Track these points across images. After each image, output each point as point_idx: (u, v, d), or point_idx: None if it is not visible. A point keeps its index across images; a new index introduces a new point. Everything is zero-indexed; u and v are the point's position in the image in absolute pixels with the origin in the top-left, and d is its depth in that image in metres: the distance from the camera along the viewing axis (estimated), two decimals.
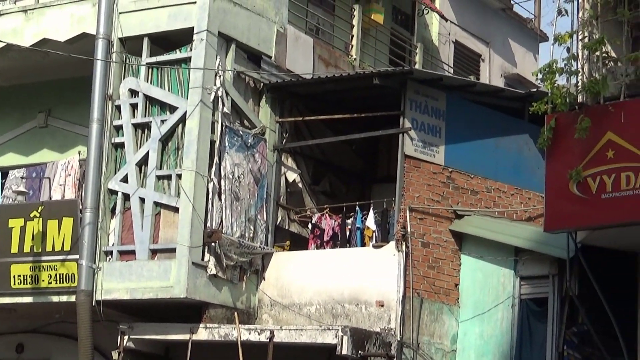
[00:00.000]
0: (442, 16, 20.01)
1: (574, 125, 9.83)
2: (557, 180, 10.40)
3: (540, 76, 10.88)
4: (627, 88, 10.16)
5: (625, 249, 11.25)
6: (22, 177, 15.06)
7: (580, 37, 10.72)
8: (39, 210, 13.82)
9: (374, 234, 13.51)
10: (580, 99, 10.42)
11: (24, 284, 13.93)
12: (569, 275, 11.40)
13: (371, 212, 13.75)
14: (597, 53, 10.54)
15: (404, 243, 12.59)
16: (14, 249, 13.85)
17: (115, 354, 13.15)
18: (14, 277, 13.84)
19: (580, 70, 10.68)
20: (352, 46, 16.79)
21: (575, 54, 10.65)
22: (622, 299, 11.26)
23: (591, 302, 11.24)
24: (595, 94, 10.07)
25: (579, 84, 10.63)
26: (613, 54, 10.92)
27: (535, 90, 13.76)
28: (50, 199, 14.89)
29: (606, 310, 10.88)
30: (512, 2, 23.44)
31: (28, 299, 14.15)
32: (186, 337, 12.64)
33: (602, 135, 9.77)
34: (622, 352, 10.90)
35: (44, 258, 13.49)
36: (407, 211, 12.72)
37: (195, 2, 13.00)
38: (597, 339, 11.13)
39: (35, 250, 13.63)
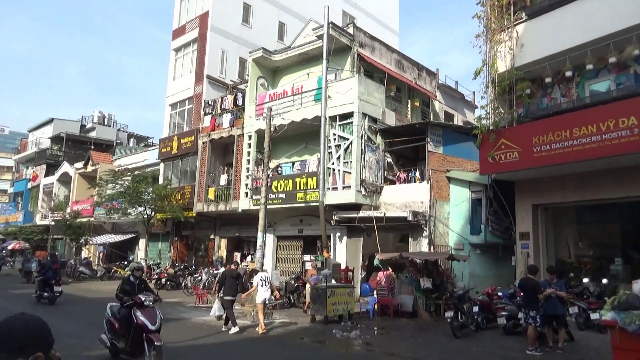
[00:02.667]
0: (439, 101, 22.74)
1: (489, 137, 13.19)
2: (484, 156, 13.46)
3: (475, 120, 14.79)
4: (508, 123, 13.37)
5: (510, 179, 14.34)
6: (299, 166, 19.04)
7: (491, 105, 13.93)
8: (304, 175, 18.02)
9: (419, 179, 17.12)
10: (491, 127, 13.41)
11: (303, 200, 17.72)
12: (489, 190, 15.13)
13: (417, 171, 17.48)
14: (497, 110, 13.94)
15: (429, 181, 16.42)
16: (295, 189, 18.05)
17: (332, 222, 16.99)
18: (298, 197, 17.90)
19: (491, 117, 13.90)
20: (408, 113, 20.34)
21: (489, 111, 13.99)
22: (510, 199, 14.64)
23: (497, 201, 14.98)
24: (497, 126, 13.34)
25: (490, 122, 13.65)
26: (502, 110, 14.13)
27: (474, 125, 14.74)
28: (307, 171, 18.39)
29: (504, 204, 14.78)
30: (464, 95, 25.31)
31: (303, 205, 17.85)
32: (355, 215, 16.51)
33: (500, 140, 13.07)
34: (511, 220, 14.60)
35: (307, 191, 17.52)
36: (430, 170, 16.49)
37: (353, 103, 17.12)
38: (500, 212, 14.98)
39: (305, 188, 17.67)
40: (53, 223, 34.31)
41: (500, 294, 12.33)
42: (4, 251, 37.12)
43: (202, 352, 9.31)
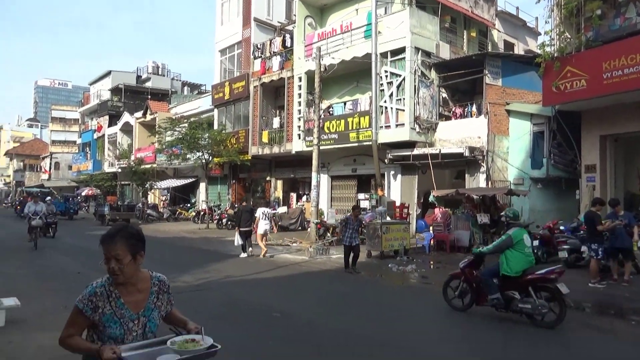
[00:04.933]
0: (497, 30, 21.64)
1: (553, 65, 12.72)
2: (547, 86, 13.10)
3: (538, 48, 14.57)
4: (575, 49, 12.81)
5: (575, 110, 13.85)
6: (351, 105, 18.87)
7: (556, 31, 13.38)
8: (356, 115, 17.86)
9: (476, 113, 16.49)
10: (555, 54, 12.91)
11: (355, 139, 17.63)
12: (552, 122, 14.62)
13: (474, 106, 16.73)
14: (563, 35, 13.36)
15: (487, 115, 15.86)
16: (347, 129, 17.87)
17: (386, 160, 16.87)
18: (351, 136, 17.69)
19: (556, 43, 13.33)
20: (464, 45, 19.42)
21: (553, 36, 13.42)
22: (575, 131, 14.16)
23: (561, 133, 14.46)
24: (562, 52, 12.88)
25: (555, 48, 13.25)
26: (568, 35, 13.48)
27: (537, 53, 14.58)
28: (359, 110, 18.05)
29: (568, 136, 14.29)
30: (526, 21, 23.74)
31: (356, 144, 17.86)
32: (409, 153, 16.26)
33: (565, 68, 12.70)
34: (576, 153, 14.21)
35: (360, 130, 17.37)
36: (488, 104, 15.88)
37: (405, 37, 16.53)
38: (564, 145, 14.53)
39: (357, 127, 17.49)
40: (120, 170, 36.38)
41: (562, 227, 12.01)
42: (78, 197, 39.91)
43: (264, 285, 9.80)
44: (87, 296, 2.12)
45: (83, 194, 40.85)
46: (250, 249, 13.47)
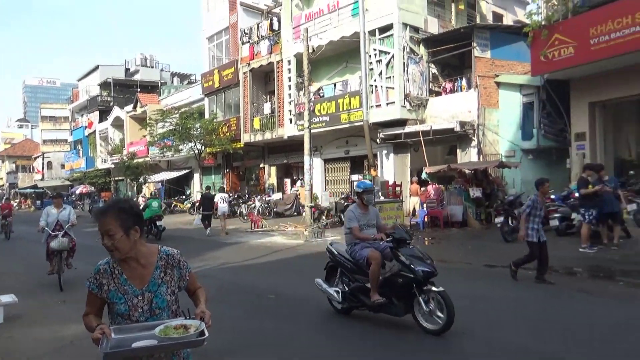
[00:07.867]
0: (486, 1, 21.07)
1: (541, 34, 13.01)
2: (535, 55, 13.32)
3: (526, 16, 14.42)
4: (562, 16, 13.05)
5: (564, 78, 14.04)
6: (341, 86, 18.89)
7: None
8: (346, 96, 17.61)
9: (466, 87, 16.42)
10: (543, 23, 13.13)
11: (347, 120, 17.55)
12: (541, 92, 14.78)
13: (464, 80, 16.65)
14: (550, 3, 13.54)
15: (477, 88, 15.79)
16: (338, 110, 17.85)
17: (378, 140, 16.93)
18: (342, 118, 17.67)
19: (544, 11, 13.54)
20: (452, 19, 19.06)
21: (540, 4, 13.77)
22: (565, 100, 14.24)
23: (551, 102, 14.54)
24: (550, 20, 13.06)
25: (543, 17, 13.38)
26: (555, 2, 13.45)
27: (525, 23, 14.57)
28: (349, 91, 18.07)
29: (558, 105, 14.35)
30: None
31: (348, 126, 17.76)
32: (400, 131, 16.15)
33: (553, 36, 12.91)
34: (566, 122, 14.34)
35: (351, 111, 17.40)
36: (477, 77, 15.77)
37: (392, 14, 16.28)
38: (554, 114, 14.58)
39: (348, 108, 17.56)
40: (113, 166, 36.46)
41: (553, 197, 12.15)
42: (73, 195, 40.00)
43: (259, 269, 10.02)
44: (93, 274, 2.16)
45: (77, 192, 40.97)
46: (209, 229, 15.92)
